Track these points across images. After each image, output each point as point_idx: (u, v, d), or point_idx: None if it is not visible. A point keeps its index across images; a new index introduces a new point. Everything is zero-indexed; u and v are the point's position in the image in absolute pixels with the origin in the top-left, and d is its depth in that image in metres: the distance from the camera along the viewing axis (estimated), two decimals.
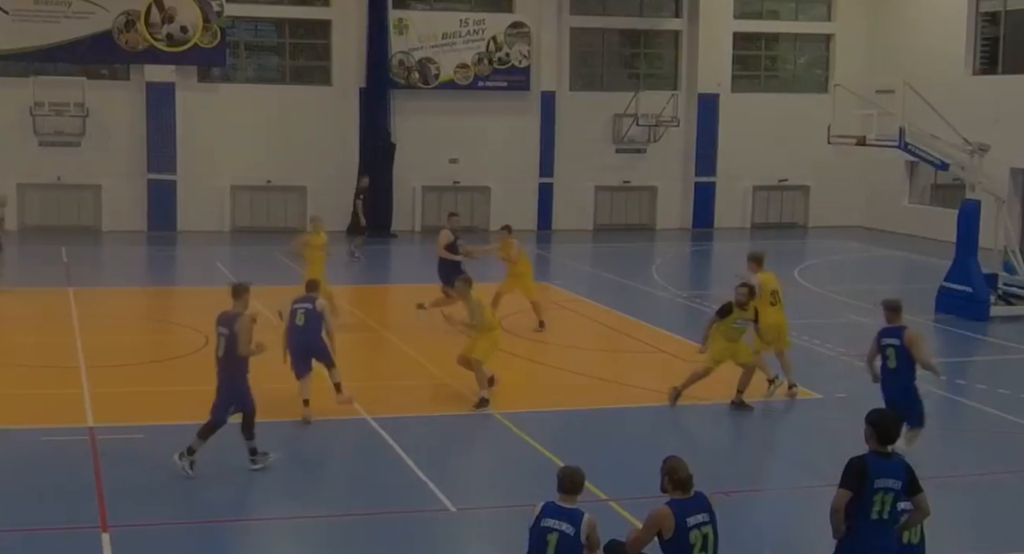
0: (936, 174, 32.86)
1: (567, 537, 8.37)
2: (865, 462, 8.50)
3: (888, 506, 8.46)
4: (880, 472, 8.46)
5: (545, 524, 8.45)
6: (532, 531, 8.51)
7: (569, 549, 8.37)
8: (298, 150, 34.13)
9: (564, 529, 8.39)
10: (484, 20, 35.44)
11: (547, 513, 8.52)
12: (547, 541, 8.39)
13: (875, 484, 8.42)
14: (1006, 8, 33.30)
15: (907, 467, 8.58)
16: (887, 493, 8.44)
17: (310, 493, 12.23)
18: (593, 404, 16.11)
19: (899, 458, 8.65)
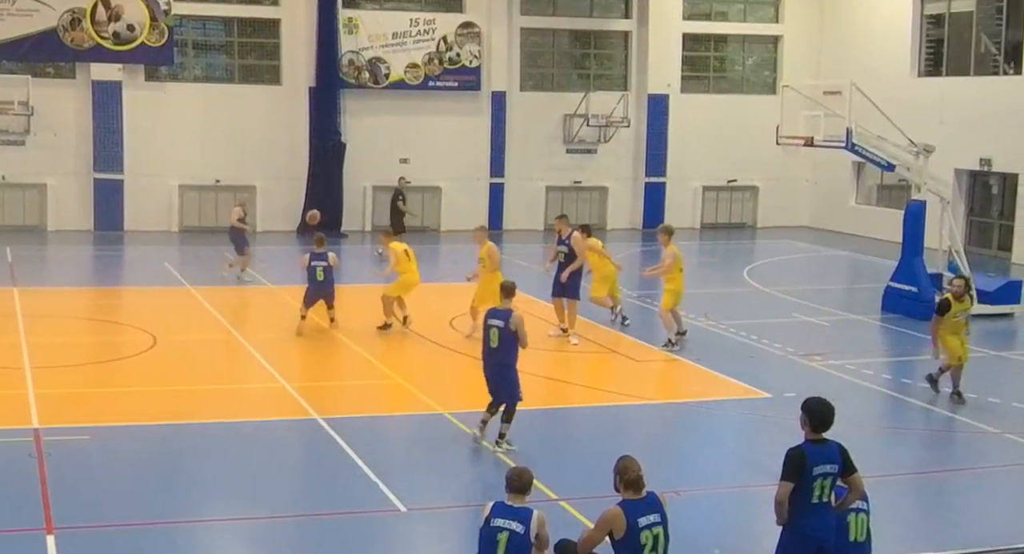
0: (882, 175, 33.25)
1: (517, 535, 8.46)
2: (803, 452, 8.79)
3: (828, 488, 8.79)
4: (818, 459, 8.75)
5: (495, 524, 8.54)
6: (482, 531, 8.60)
7: (519, 548, 8.46)
8: (247, 149, 33.92)
9: (514, 528, 8.49)
10: (434, 20, 35.39)
11: (497, 513, 8.61)
12: (497, 540, 8.48)
13: (814, 471, 8.72)
14: (950, 11, 33.72)
15: (842, 450, 8.88)
16: (826, 478, 8.76)
17: (260, 494, 12.15)
18: (543, 404, 16.13)
19: (834, 443, 8.90)
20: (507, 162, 36.17)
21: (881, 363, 18.94)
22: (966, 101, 31.81)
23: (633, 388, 17.39)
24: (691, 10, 38.09)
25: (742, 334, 20.67)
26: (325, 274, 19.97)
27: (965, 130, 31.17)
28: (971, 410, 15.95)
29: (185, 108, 33.60)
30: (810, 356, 19.09)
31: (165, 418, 14.76)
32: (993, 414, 15.93)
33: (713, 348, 20.06)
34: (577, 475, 12.75)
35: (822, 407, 8.97)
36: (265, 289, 24.83)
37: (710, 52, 39.09)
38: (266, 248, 31.81)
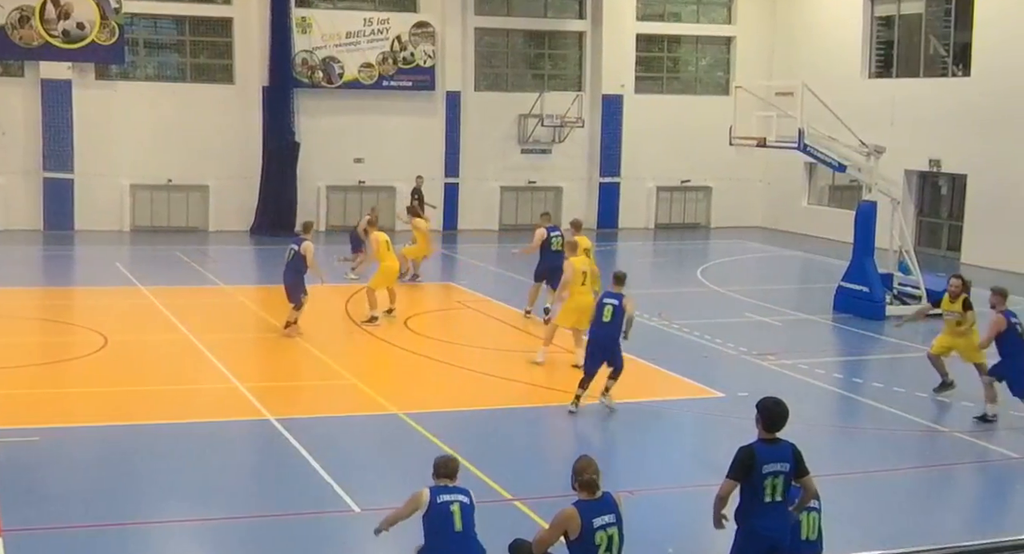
0: (834, 176, 33.49)
1: (466, 505, 8.98)
2: (752, 450, 8.87)
3: (780, 488, 8.82)
4: (768, 457, 8.82)
5: (443, 500, 8.94)
6: (429, 513, 8.92)
7: (470, 516, 8.97)
8: (200, 149, 33.68)
9: (462, 499, 8.98)
10: (388, 20, 35.30)
11: (438, 492, 9.02)
12: (451, 512, 8.90)
13: (764, 469, 8.78)
14: (900, 13, 34.05)
15: (795, 450, 8.91)
16: (776, 477, 8.80)
17: (213, 495, 12.07)
18: (498, 404, 16.14)
19: (787, 443, 8.95)
20: (462, 162, 36.14)
21: (833, 362, 19.11)
22: (916, 102, 32.12)
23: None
24: (644, 11, 38.22)
25: (695, 334, 20.78)
26: (292, 257, 19.64)
27: (915, 131, 31.48)
28: (921, 410, 16.12)
29: (136, 107, 33.30)
30: (763, 356, 19.22)
31: (116, 419, 14.63)
32: (943, 413, 16.11)
33: (667, 348, 20.15)
34: (531, 475, 12.77)
35: (775, 407, 9.05)
36: (218, 289, 24.68)
37: (663, 53, 39.25)
38: (219, 248, 31.67)
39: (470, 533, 8.98)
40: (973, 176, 31.04)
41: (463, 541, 8.93)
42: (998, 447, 14.46)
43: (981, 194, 30.76)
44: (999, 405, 15.37)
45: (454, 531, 8.91)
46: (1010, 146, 29.40)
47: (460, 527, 8.92)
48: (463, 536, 8.92)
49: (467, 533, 8.96)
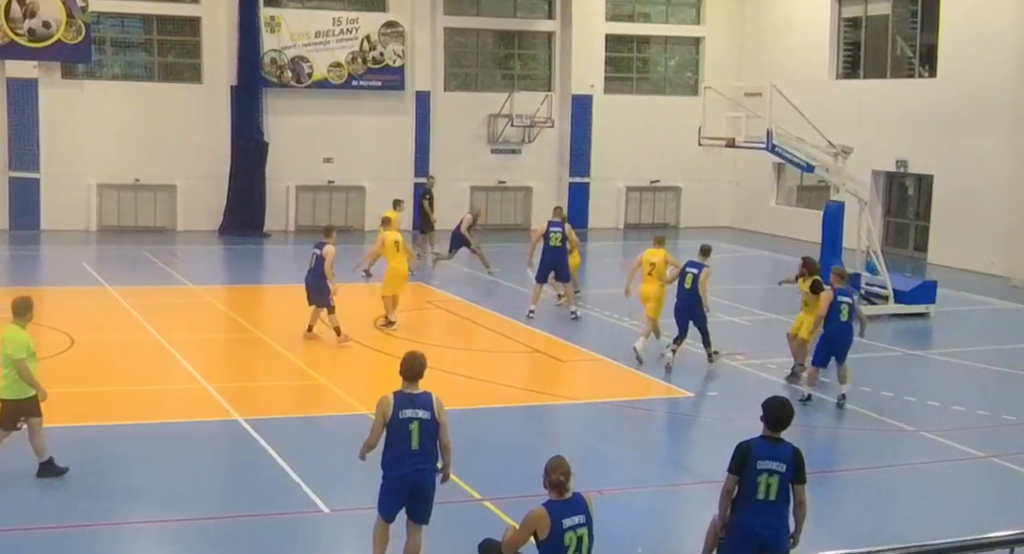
0: (802, 176, 33.66)
1: (425, 422, 9.44)
2: (750, 445, 8.89)
3: (775, 488, 8.79)
4: (764, 454, 8.82)
5: (404, 416, 9.42)
6: (392, 422, 9.42)
7: (429, 432, 9.46)
8: (167, 148, 33.49)
9: (421, 416, 9.44)
10: (358, 19, 35.21)
11: (400, 404, 9.47)
12: (410, 430, 9.41)
13: (758, 465, 8.78)
14: (867, 14, 34.25)
15: (795, 453, 8.89)
16: (771, 475, 8.79)
17: (181, 496, 12.00)
18: (467, 404, 16.12)
19: (789, 445, 8.94)
20: (432, 162, 36.07)
21: None
22: (883, 103, 32.33)
23: (557, 388, 17.47)
24: (614, 11, 38.30)
25: (665, 334, 20.80)
26: (315, 263, 19.09)
27: (882, 132, 31.68)
28: (888, 409, 16.22)
29: (104, 106, 33.08)
30: (732, 355, 19.27)
31: (83, 420, 14.53)
32: (909, 412, 16.21)
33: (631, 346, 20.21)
34: (500, 475, 12.76)
35: (779, 406, 9.06)
36: (186, 289, 24.55)
37: (633, 53, 39.34)
38: (187, 247, 31.51)
39: (427, 450, 9.45)
40: (939, 176, 31.25)
41: (418, 459, 9.42)
42: (963, 446, 14.56)
43: (947, 194, 30.97)
44: (846, 384, 16.31)
45: (411, 449, 9.39)
46: (975, 147, 29.63)
47: (416, 446, 9.40)
48: (420, 454, 9.42)
49: (423, 450, 9.44)
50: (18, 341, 11.95)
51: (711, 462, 14.10)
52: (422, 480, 9.58)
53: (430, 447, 9.49)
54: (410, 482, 9.55)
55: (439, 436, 9.56)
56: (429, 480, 9.62)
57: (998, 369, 19.05)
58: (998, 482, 13.49)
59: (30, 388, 11.98)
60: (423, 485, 9.60)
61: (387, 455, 9.52)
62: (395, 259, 20.60)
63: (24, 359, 11.90)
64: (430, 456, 9.51)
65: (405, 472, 9.49)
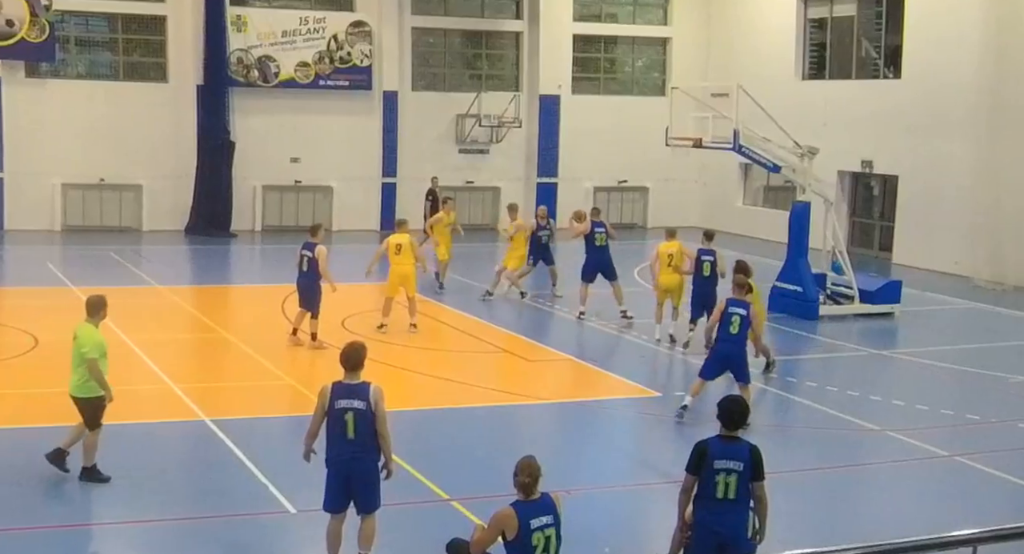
0: (769, 176, 33.80)
1: (361, 412, 9.64)
2: (706, 445, 8.94)
3: (733, 487, 8.83)
4: (721, 454, 8.86)
5: (339, 406, 9.65)
6: (329, 411, 9.69)
7: (364, 422, 9.65)
8: (133, 148, 33.29)
9: (356, 406, 9.63)
10: (325, 19, 35.12)
11: (338, 394, 9.69)
12: (345, 420, 9.63)
13: (715, 465, 8.82)
14: (832, 15, 34.45)
15: (752, 451, 8.92)
16: (729, 474, 8.83)
17: (147, 497, 11.93)
18: (434, 404, 16.12)
19: (746, 444, 8.98)
20: (399, 162, 36.05)
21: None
22: (848, 104, 32.52)
23: (525, 388, 17.47)
24: (581, 11, 38.37)
25: (632, 334, 20.88)
26: (308, 266, 18.75)
27: (848, 132, 31.86)
28: (854, 408, 16.31)
29: (68, 105, 32.84)
30: (699, 355, 19.32)
31: (48, 421, 14.37)
32: (875, 412, 16.31)
33: (604, 348, 20.27)
34: (468, 475, 12.76)
35: (731, 405, 9.16)
36: (152, 289, 24.40)
37: (600, 53, 39.42)
38: (153, 247, 31.33)
39: (363, 440, 9.67)
40: (904, 177, 31.48)
41: (355, 448, 9.68)
42: (927, 445, 14.67)
43: (912, 195, 31.20)
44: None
45: (347, 439, 9.66)
46: (940, 148, 29.85)
47: (353, 435, 9.65)
48: (356, 444, 9.66)
49: (360, 440, 9.67)
50: (95, 340, 11.99)
51: (678, 462, 14.08)
52: (358, 468, 9.77)
53: (367, 437, 9.69)
54: (346, 470, 9.77)
55: (376, 426, 9.72)
56: (365, 468, 9.80)
57: (962, 368, 19.20)
58: (962, 481, 13.61)
59: (95, 388, 11.98)
60: (360, 473, 9.79)
61: (327, 445, 9.80)
62: (394, 261, 20.53)
63: (97, 359, 11.93)
64: (367, 446, 9.72)
65: (342, 461, 9.73)
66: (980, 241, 28.47)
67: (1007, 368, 19.10)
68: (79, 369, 12.00)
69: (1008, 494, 13.06)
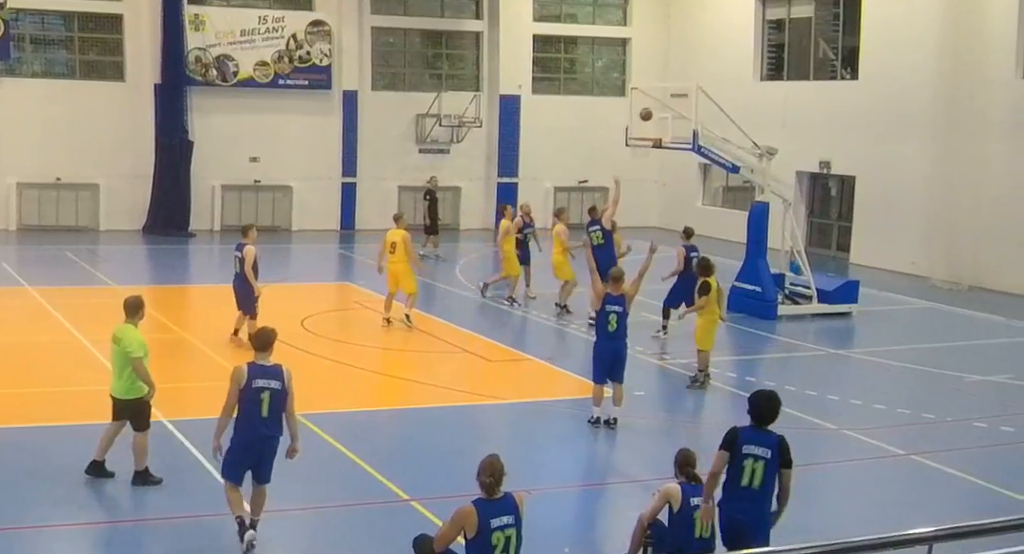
0: (728, 177, 34.00)
1: (276, 392, 10.27)
2: (738, 429, 9.30)
3: (759, 475, 9.13)
4: (749, 440, 9.20)
5: (257, 385, 10.25)
6: (244, 391, 10.23)
7: (279, 401, 10.30)
8: (90, 147, 33.02)
9: (273, 386, 10.26)
10: (284, 18, 34.97)
11: (254, 374, 10.28)
12: (261, 399, 10.23)
13: (744, 450, 9.14)
14: (790, 16, 34.66)
15: (780, 441, 9.26)
16: (756, 461, 9.14)
17: (102, 498, 11.84)
18: (396, 404, 16.10)
19: (775, 434, 9.30)
20: (359, 162, 35.95)
21: (726, 361, 19.33)
22: (806, 105, 32.73)
23: (484, 387, 17.47)
24: (541, 12, 38.41)
25: (592, 334, 20.88)
26: (239, 267, 18.62)
27: (805, 133, 32.07)
28: (811, 408, 16.40)
29: (24, 104, 32.49)
30: (658, 355, 19.42)
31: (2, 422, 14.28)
32: (832, 411, 16.42)
33: (563, 347, 20.30)
34: (428, 476, 12.74)
35: (763, 401, 9.40)
36: (109, 289, 24.20)
37: (560, 54, 39.48)
38: (110, 247, 31.09)
39: (274, 418, 10.30)
40: (861, 178, 31.72)
41: (266, 426, 10.28)
42: (884, 444, 14.79)
43: (869, 195, 31.44)
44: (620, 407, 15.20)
45: (261, 417, 10.25)
46: (896, 148, 30.09)
47: (267, 414, 10.25)
48: (268, 422, 10.28)
49: (272, 419, 10.29)
50: (139, 340, 12.03)
51: (637, 461, 14.22)
52: (268, 446, 10.41)
53: (278, 415, 10.33)
54: (258, 448, 10.38)
55: (286, 405, 10.35)
56: (274, 446, 10.45)
57: (918, 368, 19.36)
58: (918, 479, 13.73)
59: (140, 389, 12.04)
60: (269, 450, 10.43)
61: (239, 421, 10.33)
62: (389, 259, 20.69)
63: (143, 358, 11.96)
64: (277, 424, 10.35)
65: (254, 437, 10.32)
66: (937, 241, 28.74)
67: (963, 367, 19.29)
68: (124, 371, 12.03)
69: (963, 492, 13.18)
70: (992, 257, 27.58)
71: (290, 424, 10.45)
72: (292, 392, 10.41)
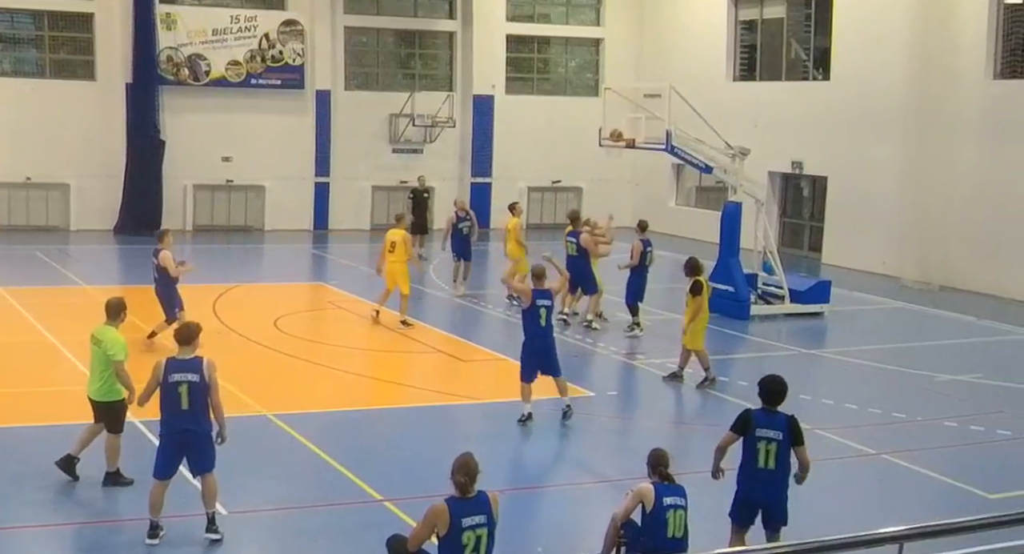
0: (700, 177, 34.09)
1: (195, 384, 10.39)
2: (751, 412, 9.92)
3: (773, 455, 9.73)
4: (762, 423, 9.80)
5: (173, 379, 10.41)
6: (163, 386, 10.41)
7: (198, 394, 10.40)
8: (60, 146, 32.80)
9: (190, 378, 10.39)
10: (256, 17, 34.85)
11: (171, 369, 10.47)
12: (179, 393, 10.37)
13: (757, 432, 9.73)
14: (762, 17, 34.79)
15: (790, 421, 9.85)
16: (769, 442, 9.73)
17: (73, 499, 11.76)
18: (368, 404, 16.07)
19: (784, 415, 9.89)
20: (332, 161, 35.87)
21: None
22: (779, 105, 32.85)
23: (457, 388, 17.46)
24: (514, 12, 38.41)
25: (566, 333, 20.92)
26: (156, 273, 18.65)
27: (778, 134, 32.19)
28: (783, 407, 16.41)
29: None
30: (632, 355, 19.46)
31: None
32: (804, 410, 16.40)
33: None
34: (401, 476, 12.72)
35: (771, 384, 10.01)
36: (80, 289, 24.07)
37: (533, 54, 39.49)
38: (81, 247, 30.92)
39: (196, 410, 10.42)
40: (833, 178, 31.86)
41: (189, 418, 10.42)
42: (855, 443, 14.86)
43: (841, 196, 31.59)
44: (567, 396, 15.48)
45: (181, 410, 10.41)
46: (868, 149, 30.24)
47: (187, 406, 10.39)
48: (190, 413, 10.41)
49: (193, 410, 10.42)
50: (120, 342, 12.04)
51: (611, 461, 14.23)
52: (193, 437, 10.50)
53: (199, 407, 10.44)
54: (181, 440, 10.51)
55: (210, 396, 10.47)
56: (199, 436, 10.52)
57: (889, 367, 19.47)
58: (889, 478, 13.81)
59: (118, 392, 11.99)
60: (195, 441, 10.51)
61: (163, 416, 10.55)
62: (388, 258, 20.98)
63: (124, 361, 11.95)
64: (200, 417, 10.47)
65: (176, 430, 10.49)
66: (908, 241, 28.90)
67: (933, 367, 19.41)
68: (104, 373, 12.00)
69: (934, 492, 13.27)
70: (962, 257, 27.75)
71: (216, 416, 10.57)
72: (215, 383, 10.51)
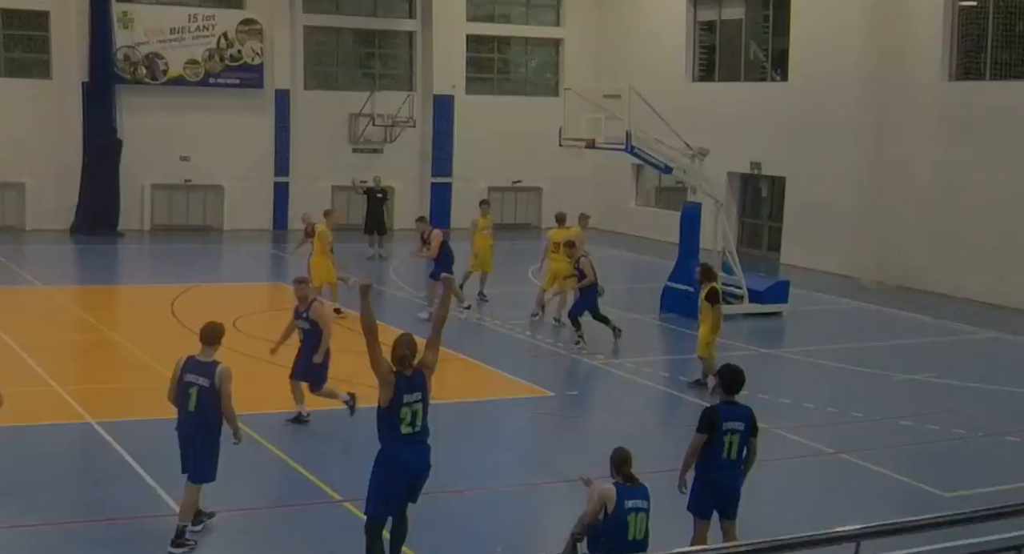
0: (660, 177, 34.18)
1: (205, 389, 10.44)
2: (716, 409, 10.18)
3: (736, 446, 10.06)
4: (728, 416, 10.09)
5: (187, 380, 10.52)
6: (179, 382, 10.57)
7: (207, 399, 10.45)
8: (15, 145, 32.44)
9: (201, 383, 10.44)
10: (214, 16, 34.64)
11: (187, 369, 10.57)
12: (189, 394, 10.48)
13: (724, 426, 10.02)
14: (721, 18, 34.94)
15: (750, 412, 10.22)
16: (734, 434, 10.05)
17: (29, 499, 11.64)
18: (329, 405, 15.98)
19: (745, 406, 10.27)
20: (292, 161, 35.72)
21: (659, 361, 19.49)
22: (738, 106, 33.00)
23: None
24: (474, 12, 38.38)
25: (526, 333, 20.95)
26: None
27: (737, 134, 32.31)
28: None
29: None
30: (592, 355, 19.48)
31: None
32: (762, 410, 16.46)
33: (496, 347, 20.29)
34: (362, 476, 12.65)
35: (732, 373, 10.39)
36: (36, 290, 23.84)
37: (494, 54, 39.49)
38: (36, 247, 30.63)
39: (203, 414, 10.48)
40: (791, 179, 32.06)
41: (194, 420, 10.53)
42: (813, 442, 14.95)
43: (799, 196, 31.78)
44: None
45: (188, 411, 10.56)
46: (825, 150, 30.42)
47: (193, 408, 10.51)
48: (195, 417, 10.51)
49: (200, 414, 10.49)
50: None
51: (571, 461, 14.22)
52: (195, 440, 10.60)
53: (207, 412, 10.48)
54: (186, 439, 10.67)
55: (220, 404, 10.49)
56: (202, 441, 10.59)
57: (847, 367, 19.60)
58: (846, 477, 13.89)
59: None
60: (196, 444, 10.61)
61: (178, 412, 10.74)
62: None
63: None
64: (205, 420, 10.53)
65: (183, 430, 10.68)
66: (865, 242, 29.11)
67: (890, 366, 19.55)
68: None
69: (890, 490, 13.36)
70: (919, 257, 27.98)
71: (228, 422, 10.64)
72: (226, 393, 10.46)
